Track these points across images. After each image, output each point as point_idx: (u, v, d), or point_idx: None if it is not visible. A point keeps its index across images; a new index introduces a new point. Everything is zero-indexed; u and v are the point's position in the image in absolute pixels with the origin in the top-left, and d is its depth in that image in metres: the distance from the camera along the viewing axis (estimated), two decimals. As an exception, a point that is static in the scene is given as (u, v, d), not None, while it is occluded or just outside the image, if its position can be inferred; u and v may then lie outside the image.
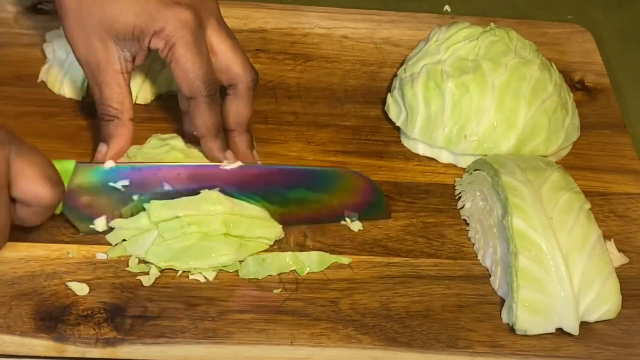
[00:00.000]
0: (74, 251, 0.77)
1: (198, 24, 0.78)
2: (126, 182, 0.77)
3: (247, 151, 0.83)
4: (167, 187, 0.78)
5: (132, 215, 0.78)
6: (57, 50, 0.91)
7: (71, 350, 0.72)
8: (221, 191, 0.78)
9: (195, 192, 0.78)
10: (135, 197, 0.78)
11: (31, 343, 0.72)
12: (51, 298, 0.74)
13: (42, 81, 0.91)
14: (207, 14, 0.80)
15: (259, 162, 0.83)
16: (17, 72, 0.92)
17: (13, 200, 0.69)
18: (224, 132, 0.82)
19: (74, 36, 0.79)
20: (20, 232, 0.78)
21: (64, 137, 0.86)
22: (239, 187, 0.79)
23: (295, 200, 0.80)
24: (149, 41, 0.78)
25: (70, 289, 0.74)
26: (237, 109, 0.82)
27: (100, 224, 0.78)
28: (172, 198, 0.77)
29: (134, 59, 0.80)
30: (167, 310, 0.74)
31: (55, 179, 0.70)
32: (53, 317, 0.73)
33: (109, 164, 0.77)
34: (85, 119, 0.88)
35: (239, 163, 0.79)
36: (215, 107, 0.80)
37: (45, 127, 0.87)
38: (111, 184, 0.77)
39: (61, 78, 0.90)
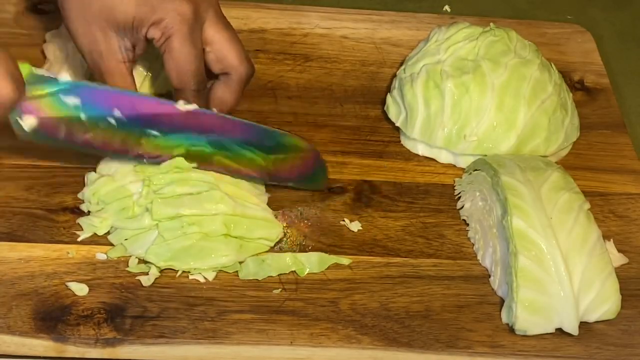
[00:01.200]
0: (74, 251, 0.77)
1: (196, 17, 0.79)
2: (77, 101, 0.75)
3: None
4: (116, 113, 0.76)
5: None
6: (57, 50, 0.91)
7: (71, 350, 0.72)
8: (165, 130, 0.78)
9: (142, 125, 0.77)
10: (82, 116, 0.75)
11: (31, 343, 0.72)
12: (51, 298, 0.74)
13: (42, 81, 0.91)
14: (205, 7, 0.81)
15: (215, 110, 0.82)
16: (17, 72, 0.92)
17: None
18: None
19: (75, 27, 0.79)
20: (20, 232, 0.78)
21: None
22: (184, 129, 0.78)
23: (234, 152, 0.81)
24: (147, 31, 0.79)
25: (70, 289, 0.74)
26: (223, 95, 0.83)
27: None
28: (118, 127, 0.76)
29: (134, 48, 0.80)
30: (167, 311, 0.74)
31: (17, 77, 0.70)
32: (53, 317, 0.73)
33: (64, 77, 0.76)
34: (85, 119, 0.88)
35: (195, 106, 0.79)
36: (200, 101, 0.81)
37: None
38: (62, 97, 0.74)
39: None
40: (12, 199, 0.81)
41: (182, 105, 0.78)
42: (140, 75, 0.89)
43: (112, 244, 0.78)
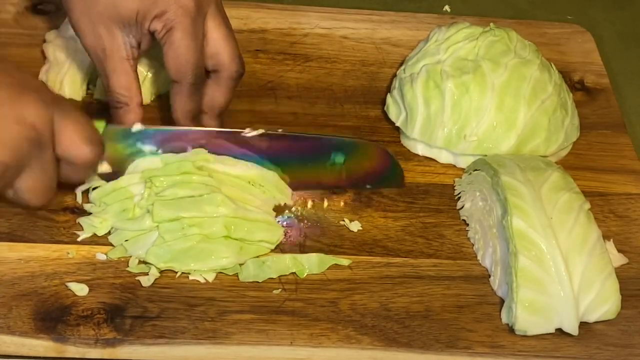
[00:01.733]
0: (74, 251, 0.77)
1: (198, 10, 0.80)
2: (153, 147, 0.80)
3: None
4: (189, 150, 0.81)
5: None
6: (57, 50, 0.91)
7: (71, 350, 0.72)
8: (242, 157, 0.81)
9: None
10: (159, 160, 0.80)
11: (31, 343, 0.72)
12: (51, 298, 0.74)
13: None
14: (208, 1, 0.81)
15: (280, 130, 0.84)
16: (17, 72, 0.92)
17: (57, 159, 0.72)
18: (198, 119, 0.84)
19: (80, 25, 0.80)
20: (20, 232, 0.78)
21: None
22: (258, 154, 0.82)
23: (312, 167, 0.84)
24: (149, 24, 0.79)
25: (70, 289, 0.74)
26: (214, 94, 0.83)
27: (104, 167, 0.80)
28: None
29: (139, 45, 0.81)
30: (167, 311, 0.74)
31: (95, 139, 0.73)
32: (53, 317, 0.73)
33: (137, 126, 0.79)
34: (85, 119, 0.88)
35: (261, 130, 0.82)
36: (196, 95, 0.82)
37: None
38: (139, 145, 0.80)
39: (61, 78, 0.90)
40: (12, 199, 0.81)
41: (248, 132, 0.81)
42: (141, 75, 0.89)
43: (112, 245, 0.78)
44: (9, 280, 0.75)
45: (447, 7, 1.14)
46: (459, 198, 0.86)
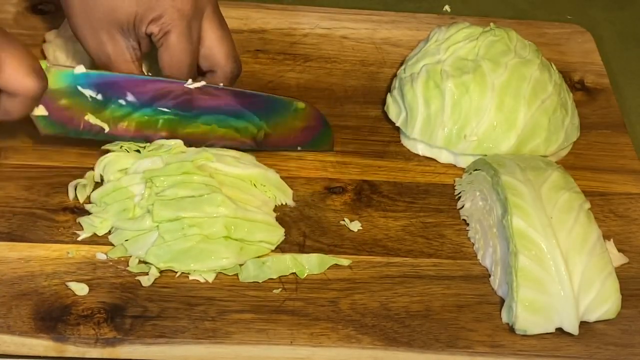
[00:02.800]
0: (74, 251, 0.77)
1: (194, 14, 0.80)
2: (92, 91, 0.78)
3: None
4: (129, 97, 0.80)
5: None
6: (57, 50, 0.91)
7: (71, 350, 0.72)
8: (176, 108, 0.81)
9: (155, 105, 0.81)
10: (98, 104, 0.79)
11: (31, 343, 0.72)
12: (51, 298, 0.74)
13: (42, 81, 0.91)
14: (205, 4, 0.82)
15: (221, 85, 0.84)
16: (17, 72, 0.92)
17: None
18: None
19: (82, 32, 0.80)
20: (20, 232, 0.78)
21: (64, 137, 0.86)
22: (193, 106, 0.82)
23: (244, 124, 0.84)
24: (146, 28, 0.80)
25: (70, 289, 0.74)
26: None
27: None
28: (133, 110, 0.80)
29: (139, 46, 0.82)
30: (167, 310, 0.74)
31: (40, 71, 0.71)
32: (53, 317, 0.73)
33: (79, 69, 0.78)
34: (85, 119, 0.88)
35: (203, 82, 0.82)
36: None
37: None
38: (80, 88, 0.78)
39: (61, 78, 0.90)
40: (12, 199, 0.81)
41: (190, 84, 0.81)
42: None
43: (112, 244, 0.78)
44: (9, 280, 0.75)
45: (447, 7, 1.14)
46: (459, 198, 0.86)
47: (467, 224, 0.84)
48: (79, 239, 0.78)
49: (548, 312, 0.75)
